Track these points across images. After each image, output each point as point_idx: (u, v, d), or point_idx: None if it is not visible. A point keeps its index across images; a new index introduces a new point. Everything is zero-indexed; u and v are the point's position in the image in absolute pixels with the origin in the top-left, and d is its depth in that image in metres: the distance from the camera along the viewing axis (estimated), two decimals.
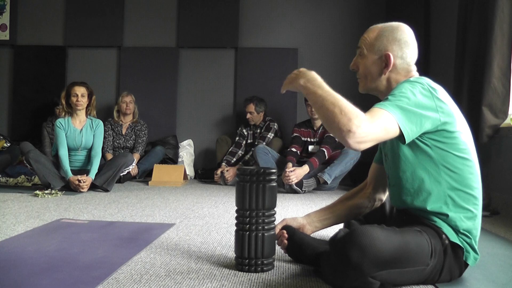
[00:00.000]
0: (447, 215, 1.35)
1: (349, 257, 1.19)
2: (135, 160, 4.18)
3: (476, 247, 1.39)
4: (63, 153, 3.58)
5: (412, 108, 1.26)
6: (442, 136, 1.33)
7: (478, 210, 1.39)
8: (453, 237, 1.35)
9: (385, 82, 1.47)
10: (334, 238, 1.28)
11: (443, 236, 1.34)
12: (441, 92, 1.36)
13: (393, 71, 1.46)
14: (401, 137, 1.26)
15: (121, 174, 3.83)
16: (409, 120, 1.25)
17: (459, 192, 1.35)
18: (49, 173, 3.48)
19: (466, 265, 1.40)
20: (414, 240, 1.27)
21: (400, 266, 1.24)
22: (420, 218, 1.39)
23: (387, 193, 1.69)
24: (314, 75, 1.36)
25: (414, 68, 1.49)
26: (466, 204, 1.36)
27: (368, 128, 1.18)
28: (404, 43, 1.45)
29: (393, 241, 1.23)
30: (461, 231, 1.35)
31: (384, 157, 1.57)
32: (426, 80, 1.38)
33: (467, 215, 1.36)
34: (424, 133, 1.32)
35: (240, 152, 4.58)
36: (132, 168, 4.14)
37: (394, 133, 1.24)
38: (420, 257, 1.28)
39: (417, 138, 1.32)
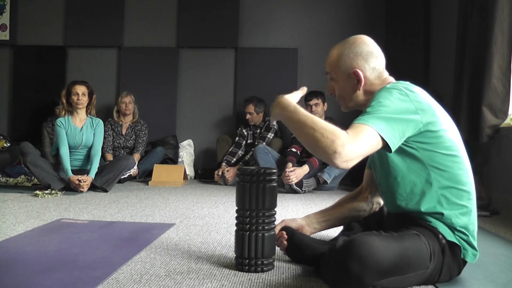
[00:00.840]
0: (442, 214, 1.35)
1: (349, 269, 1.18)
2: (136, 162, 4.19)
3: (474, 243, 1.38)
4: (64, 151, 3.58)
5: (392, 116, 1.26)
6: (426, 137, 1.33)
7: (472, 204, 1.39)
8: (450, 236, 1.34)
9: (363, 96, 1.47)
10: (333, 247, 1.27)
11: (440, 236, 1.34)
12: (420, 94, 1.36)
13: (367, 84, 1.46)
14: (386, 147, 1.25)
15: (122, 177, 3.84)
16: (392, 128, 1.25)
17: (451, 190, 1.35)
18: (48, 176, 3.47)
19: (465, 262, 1.40)
20: (412, 245, 1.27)
21: (400, 273, 1.24)
22: (416, 219, 1.38)
23: None
24: (286, 101, 1.35)
25: (386, 73, 1.49)
26: (460, 200, 1.36)
27: (352, 146, 1.18)
28: (366, 54, 1.45)
29: (392, 249, 1.22)
30: (458, 228, 1.35)
31: (372, 165, 1.56)
32: (403, 85, 1.37)
33: (462, 211, 1.36)
34: (408, 137, 1.31)
35: (240, 152, 4.57)
36: (133, 171, 4.15)
37: (378, 145, 1.24)
38: (419, 262, 1.27)
39: (402, 143, 1.31)
